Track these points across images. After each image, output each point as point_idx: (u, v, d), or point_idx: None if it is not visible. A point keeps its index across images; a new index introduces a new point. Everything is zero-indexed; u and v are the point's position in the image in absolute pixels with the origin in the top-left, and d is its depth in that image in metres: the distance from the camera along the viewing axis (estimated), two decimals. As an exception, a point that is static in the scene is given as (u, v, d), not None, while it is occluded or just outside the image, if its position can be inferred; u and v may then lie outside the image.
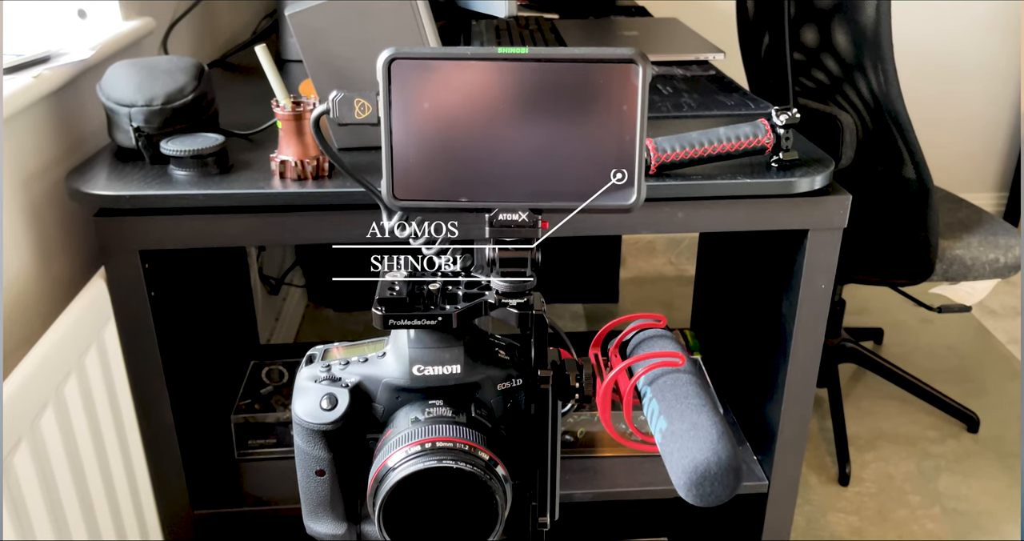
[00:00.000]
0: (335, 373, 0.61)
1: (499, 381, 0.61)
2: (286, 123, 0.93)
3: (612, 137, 0.53)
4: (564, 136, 0.53)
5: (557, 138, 0.53)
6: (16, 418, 0.77)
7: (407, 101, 0.52)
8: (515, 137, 0.53)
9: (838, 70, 1.63)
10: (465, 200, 0.54)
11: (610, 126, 0.53)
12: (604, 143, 0.53)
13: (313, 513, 0.62)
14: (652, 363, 0.57)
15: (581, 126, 0.53)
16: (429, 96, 0.52)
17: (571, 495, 1.15)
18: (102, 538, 0.92)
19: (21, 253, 0.94)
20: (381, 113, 0.53)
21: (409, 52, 0.51)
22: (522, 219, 0.54)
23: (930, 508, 1.76)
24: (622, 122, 0.53)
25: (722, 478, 0.49)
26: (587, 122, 0.53)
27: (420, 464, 0.54)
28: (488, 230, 0.54)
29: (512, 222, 0.54)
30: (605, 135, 0.53)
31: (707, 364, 1.36)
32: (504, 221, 0.54)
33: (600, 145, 0.53)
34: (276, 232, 0.95)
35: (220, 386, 1.28)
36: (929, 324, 2.42)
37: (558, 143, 0.53)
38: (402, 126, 0.53)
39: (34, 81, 0.94)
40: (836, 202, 0.98)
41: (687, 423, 0.52)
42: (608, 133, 0.53)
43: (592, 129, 0.53)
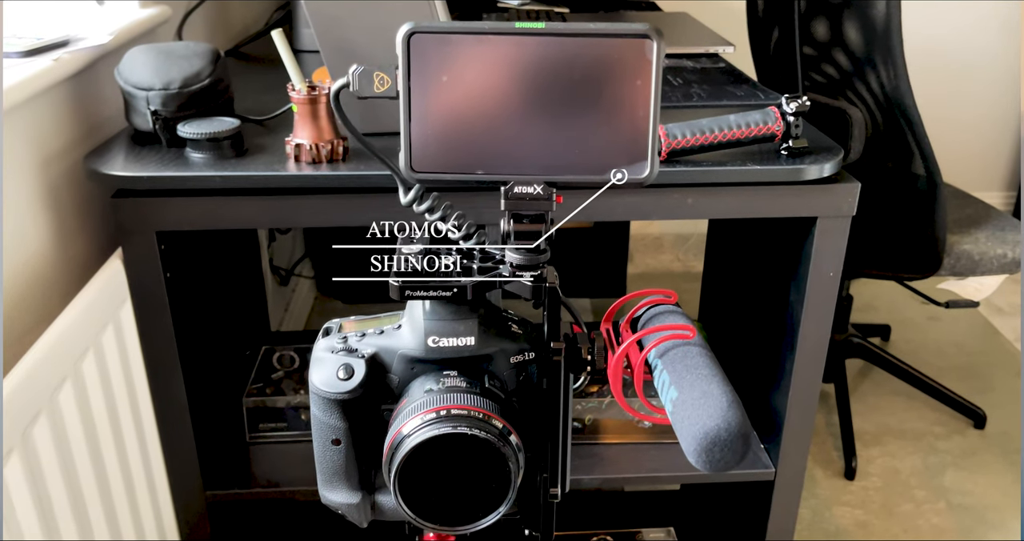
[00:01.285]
0: (351, 344, 0.62)
1: (512, 354, 0.62)
2: (301, 107, 0.94)
3: (626, 112, 0.54)
4: (579, 110, 0.54)
5: (572, 112, 0.54)
6: (37, 391, 0.78)
7: (426, 75, 0.53)
8: (531, 111, 0.54)
9: (848, 64, 1.63)
10: (481, 173, 0.55)
11: (624, 101, 0.54)
12: (618, 118, 0.54)
13: (328, 482, 0.63)
14: (663, 336, 0.58)
15: (596, 100, 0.54)
16: (447, 70, 0.53)
17: (579, 480, 1.16)
18: (116, 514, 0.93)
19: (40, 233, 0.95)
20: (400, 87, 0.54)
21: (428, 26, 0.52)
22: (537, 192, 0.55)
23: (936, 503, 1.77)
24: (636, 97, 0.54)
25: (732, 444, 0.50)
26: (602, 97, 0.54)
27: (435, 430, 0.55)
28: (503, 203, 0.56)
29: (527, 195, 0.55)
30: (619, 110, 0.54)
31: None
32: (519, 194, 0.55)
33: (614, 120, 0.54)
34: (290, 214, 0.96)
35: (232, 370, 1.29)
36: (936, 322, 2.43)
37: (573, 117, 0.54)
38: (420, 99, 0.54)
39: (54, 64, 0.95)
40: (845, 190, 0.99)
41: (697, 392, 0.53)
42: (622, 108, 0.54)
43: (607, 104, 0.54)
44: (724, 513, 1.44)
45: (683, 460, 1.21)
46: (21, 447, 0.75)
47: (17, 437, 0.75)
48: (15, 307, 0.89)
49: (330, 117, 0.96)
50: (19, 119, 0.92)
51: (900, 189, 1.66)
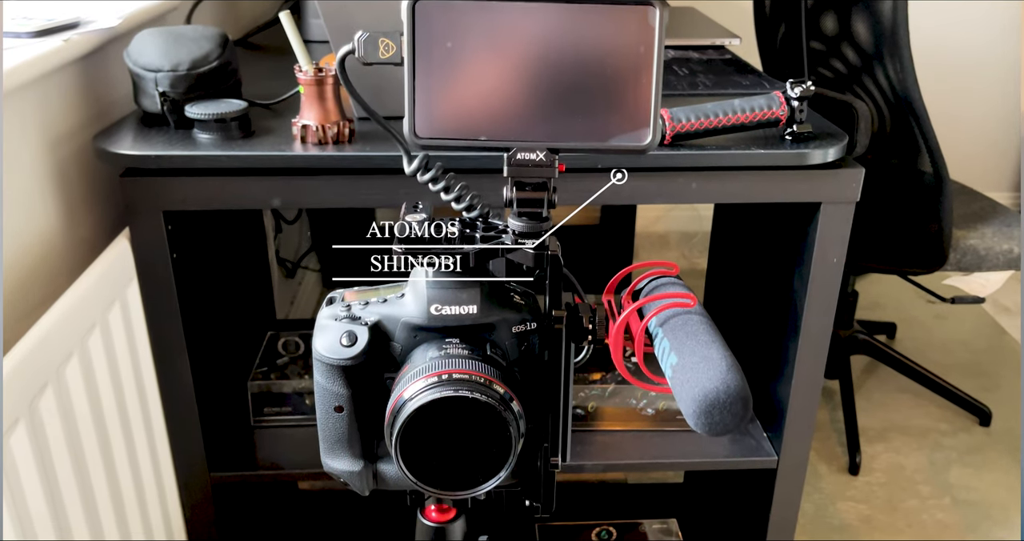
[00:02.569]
0: (355, 312, 0.62)
1: (514, 324, 0.62)
2: (308, 88, 0.95)
3: (629, 79, 0.54)
4: (582, 77, 0.54)
5: (575, 79, 0.54)
6: (43, 363, 0.79)
7: (430, 41, 0.54)
8: (534, 78, 0.54)
9: (856, 59, 1.63)
10: (484, 139, 0.55)
11: (627, 68, 0.54)
12: (621, 85, 0.54)
13: (331, 450, 0.64)
14: (663, 304, 0.58)
15: (599, 68, 0.54)
16: (452, 36, 0.54)
17: (581, 466, 1.17)
18: (120, 489, 0.94)
19: (49, 213, 0.96)
20: (405, 53, 0.54)
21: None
22: (540, 159, 0.56)
23: (940, 499, 1.76)
24: (639, 64, 0.54)
25: (731, 406, 0.51)
26: (604, 64, 0.54)
27: (437, 393, 0.55)
28: (506, 169, 0.56)
29: (530, 161, 0.56)
30: (622, 77, 0.54)
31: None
32: (522, 160, 0.56)
33: (617, 87, 0.54)
34: (296, 195, 0.97)
35: (237, 354, 1.30)
36: (942, 320, 2.42)
37: (576, 84, 0.54)
38: (425, 66, 0.54)
39: (63, 44, 0.96)
40: (849, 175, 0.99)
41: (697, 357, 0.53)
42: (625, 75, 0.54)
43: (609, 71, 0.54)
44: (727, 505, 1.44)
45: (686, 447, 1.22)
46: (28, 418, 0.76)
47: (24, 407, 0.75)
48: (23, 285, 0.89)
49: (336, 99, 0.96)
50: (28, 99, 0.92)
51: (906, 183, 1.66)
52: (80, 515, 0.85)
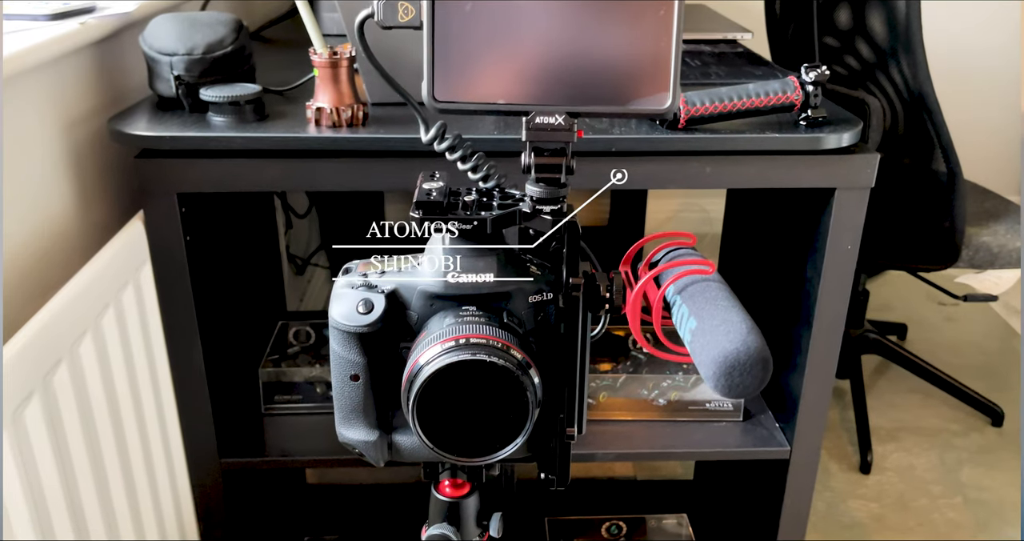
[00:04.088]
0: (371, 281, 0.62)
1: (530, 293, 0.62)
2: (323, 70, 0.95)
3: (649, 42, 0.54)
4: (602, 41, 0.54)
5: (595, 42, 0.54)
6: (57, 339, 0.79)
7: (449, 3, 0.54)
8: (554, 40, 0.54)
9: (871, 55, 1.63)
10: (503, 102, 0.55)
11: (647, 31, 0.54)
12: (641, 48, 0.54)
13: (346, 419, 0.64)
14: (681, 271, 0.58)
15: (619, 31, 0.54)
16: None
17: (592, 455, 1.16)
18: (132, 468, 0.94)
19: (63, 196, 0.96)
20: (424, 16, 0.54)
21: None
22: (558, 122, 0.55)
23: (952, 498, 1.75)
24: (659, 28, 0.54)
25: (751, 368, 0.50)
26: (625, 27, 0.54)
27: (455, 357, 0.55)
28: (525, 133, 0.56)
29: (548, 125, 0.56)
30: (642, 40, 0.54)
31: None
32: (541, 124, 0.55)
33: (637, 50, 0.54)
34: (310, 178, 0.97)
35: (248, 342, 1.30)
36: (953, 322, 2.41)
37: (596, 47, 0.54)
38: (444, 29, 0.54)
39: (80, 27, 0.97)
40: (864, 161, 0.99)
41: (717, 320, 0.53)
42: (645, 38, 0.54)
43: (629, 34, 0.54)
44: (738, 500, 1.43)
45: (698, 437, 1.21)
46: (42, 392, 0.76)
47: (38, 381, 0.75)
48: (36, 265, 0.90)
49: (351, 82, 0.97)
50: (44, 80, 0.93)
51: (919, 180, 1.65)
52: (92, 490, 0.85)
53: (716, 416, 1.22)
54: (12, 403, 0.71)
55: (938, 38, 1.82)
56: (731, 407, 1.23)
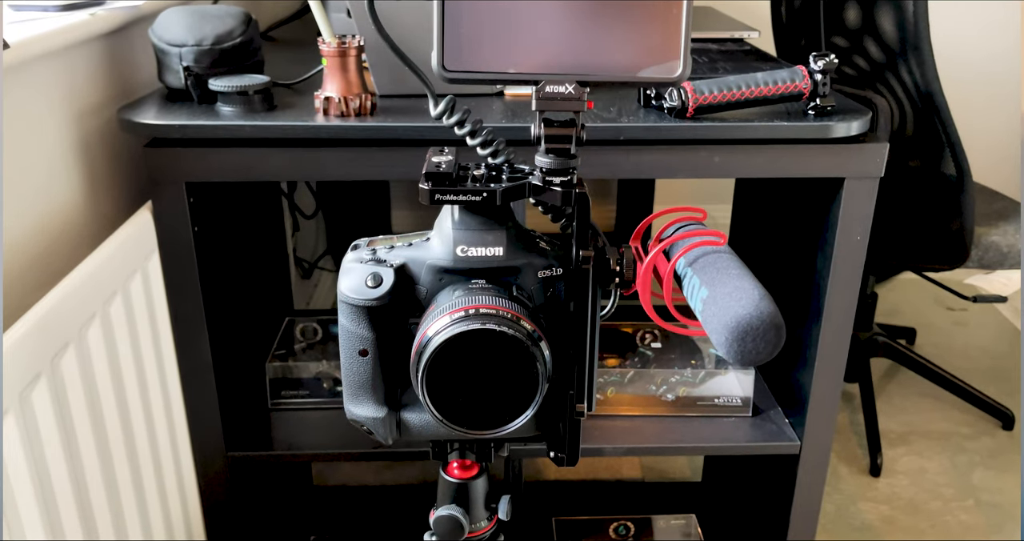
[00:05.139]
0: (380, 256, 0.62)
1: (540, 268, 0.61)
2: (331, 60, 0.95)
3: (659, 10, 0.54)
4: (612, 8, 0.54)
5: (605, 10, 0.54)
6: (65, 322, 0.78)
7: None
8: (564, 9, 0.54)
9: (880, 55, 1.62)
10: (513, 71, 0.55)
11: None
12: (651, 16, 0.54)
13: (355, 396, 0.63)
14: (692, 242, 0.58)
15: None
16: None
17: (600, 449, 1.15)
18: (137, 452, 0.93)
19: (72, 185, 0.96)
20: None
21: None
22: (569, 91, 0.55)
23: (964, 500, 1.73)
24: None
25: (764, 333, 0.50)
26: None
27: (464, 326, 0.54)
28: (535, 102, 0.56)
29: (559, 94, 0.55)
30: (652, 8, 0.54)
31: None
32: (551, 93, 0.55)
33: (647, 18, 0.54)
34: (318, 167, 0.97)
35: (255, 337, 1.29)
36: (962, 327, 2.40)
37: (606, 15, 0.54)
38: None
39: (90, 18, 0.97)
40: (873, 150, 0.99)
41: (729, 287, 0.52)
42: (655, 6, 0.54)
43: (639, 2, 0.54)
44: (746, 502, 1.42)
45: (707, 432, 1.20)
46: (49, 374, 0.75)
47: (46, 363, 0.75)
48: (43, 254, 0.90)
49: (359, 71, 0.97)
50: (54, 69, 0.93)
51: (929, 178, 1.65)
52: (98, 477, 0.84)
53: (725, 411, 1.21)
54: (19, 383, 0.71)
55: (945, 41, 1.81)
56: (740, 403, 1.22)
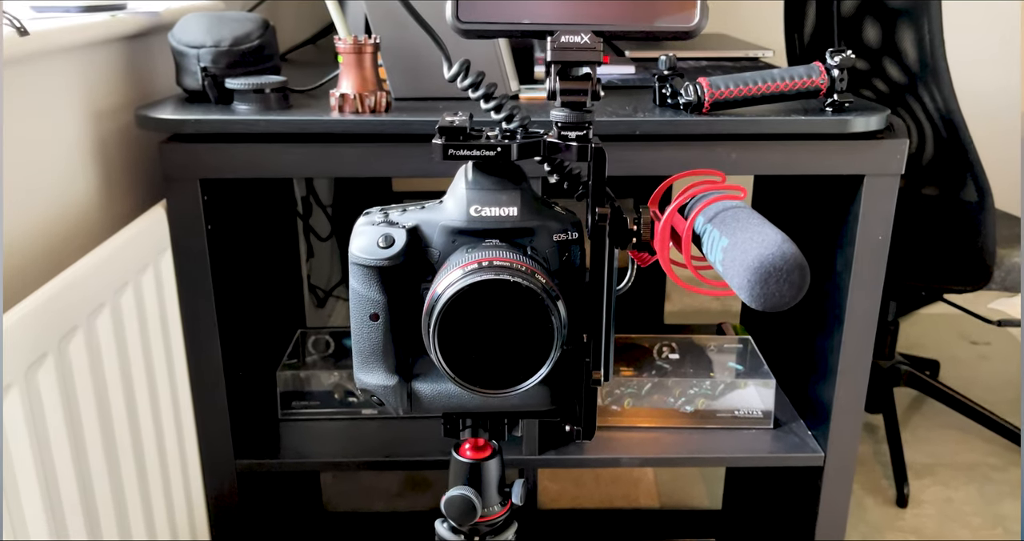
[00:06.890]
0: (392, 218, 0.61)
1: (555, 231, 0.60)
2: (347, 57, 0.95)
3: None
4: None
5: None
6: (74, 305, 0.77)
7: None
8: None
9: (901, 76, 1.61)
10: (527, 22, 0.55)
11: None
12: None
13: (365, 363, 0.61)
14: (712, 197, 0.56)
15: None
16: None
17: (617, 459, 1.12)
18: (144, 452, 0.91)
19: (88, 184, 0.96)
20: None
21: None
22: (584, 41, 0.55)
23: (992, 529, 1.68)
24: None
25: (788, 275, 0.48)
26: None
27: (478, 277, 0.53)
28: (550, 54, 0.55)
29: (574, 44, 0.55)
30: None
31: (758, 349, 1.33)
32: (566, 43, 0.55)
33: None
34: (333, 163, 0.97)
35: (267, 347, 1.28)
36: (986, 360, 2.35)
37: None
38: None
39: (111, 19, 0.99)
40: (893, 146, 0.98)
41: (750, 233, 0.51)
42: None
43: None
44: (767, 529, 1.37)
45: (726, 444, 1.17)
46: (56, 355, 0.74)
47: (53, 344, 0.74)
48: (57, 248, 0.89)
49: (374, 68, 0.97)
50: (74, 66, 0.94)
51: (950, 198, 1.63)
52: (102, 465, 0.82)
53: (745, 423, 1.18)
54: (25, 360, 0.69)
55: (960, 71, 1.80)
56: (760, 415, 1.19)
